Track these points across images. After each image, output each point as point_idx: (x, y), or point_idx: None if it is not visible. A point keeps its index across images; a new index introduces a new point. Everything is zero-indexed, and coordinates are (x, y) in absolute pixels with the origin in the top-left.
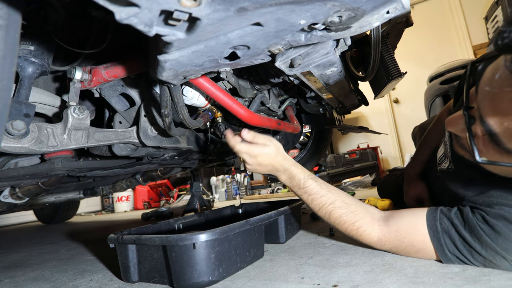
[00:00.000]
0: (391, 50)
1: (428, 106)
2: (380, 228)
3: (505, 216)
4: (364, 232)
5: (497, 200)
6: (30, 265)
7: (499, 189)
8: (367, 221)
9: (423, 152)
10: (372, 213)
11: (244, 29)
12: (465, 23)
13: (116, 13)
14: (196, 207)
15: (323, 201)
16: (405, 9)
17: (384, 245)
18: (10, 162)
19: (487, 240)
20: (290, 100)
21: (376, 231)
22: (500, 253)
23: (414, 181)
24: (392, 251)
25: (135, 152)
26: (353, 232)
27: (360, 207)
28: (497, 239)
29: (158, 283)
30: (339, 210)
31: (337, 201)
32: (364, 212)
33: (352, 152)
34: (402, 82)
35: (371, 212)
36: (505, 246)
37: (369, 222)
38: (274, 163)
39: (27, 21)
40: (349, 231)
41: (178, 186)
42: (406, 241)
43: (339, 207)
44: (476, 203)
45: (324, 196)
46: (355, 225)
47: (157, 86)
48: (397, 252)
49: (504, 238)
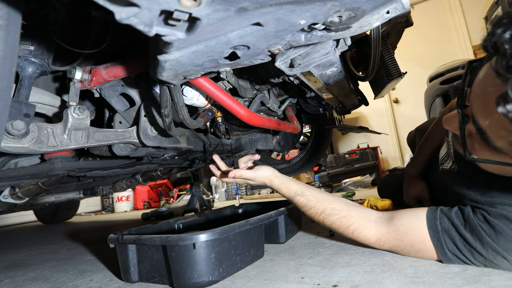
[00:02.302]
0: (391, 50)
1: (428, 106)
2: (378, 228)
3: (507, 216)
4: (360, 234)
5: (499, 200)
6: (30, 265)
7: (501, 189)
8: (362, 224)
9: (424, 152)
10: (367, 215)
11: (244, 29)
12: (465, 23)
13: (116, 13)
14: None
15: (314, 212)
16: (405, 9)
17: (383, 244)
18: (10, 162)
19: (488, 240)
20: (290, 100)
21: (373, 232)
22: (501, 253)
23: (414, 180)
24: (392, 250)
25: (135, 152)
26: (350, 235)
27: (353, 211)
28: (498, 239)
29: (158, 283)
30: (330, 217)
31: (326, 209)
32: (358, 215)
33: (352, 152)
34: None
35: (366, 214)
36: (506, 247)
37: (364, 224)
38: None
39: (27, 21)
40: (346, 234)
41: (178, 186)
42: (405, 241)
43: (330, 214)
44: (478, 203)
45: (313, 208)
46: (349, 229)
47: (157, 86)
48: (397, 251)
49: (506, 238)
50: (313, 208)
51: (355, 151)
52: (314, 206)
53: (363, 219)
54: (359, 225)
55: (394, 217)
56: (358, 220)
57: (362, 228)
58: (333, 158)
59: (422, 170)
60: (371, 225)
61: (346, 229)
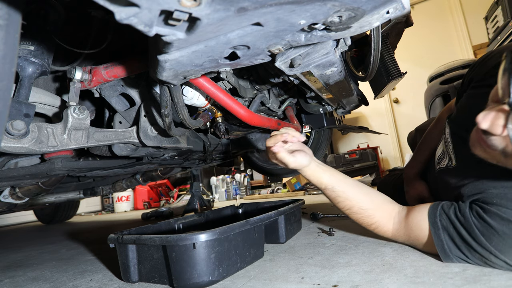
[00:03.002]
0: (391, 50)
1: (428, 106)
2: (395, 225)
3: (502, 216)
4: (380, 231)
5: (495, 200)
6: (30, 265)
7: (500, 189)
8: (382, 223)
9: (422, 152)
10: (389, 212)
11: (244, 29)
12: (465, 23)
13: (116, 13)
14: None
15: (341, 206)
16: (405, 9)
17: (398, 238)
18: (10, 162)
19: (481, 239)
20: (290, 100)
21: (390, 229)
22: (494, 253)
23: (413, 181)
24: (405, 243)
25: (135, 152)
26: (371, 230)
27: (377, 210)
28: (491, 239)
29: (158, 283)
30: (355, 215)
31: (354, 207)
32: (381, 214)
33: (352, 152)
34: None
35: (388, 211)
36: (498, 247)
37: (384, 223)
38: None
39: (27, 21)
40: (367, 229)
41: (178, 186)
42: (412, 236)
43: (356, 212)
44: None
45: (341, 203)
46: (371, 227)
47: (157, 86)
48: (410, 244)
49: (498, 238)
50: (341, 203)
51: (355, 151)
52: (342, 201)
53: (384, 217)
54: (380, 224)
55: (407, 213)
56: (380, 219)
57: (382, 226)
58: (333, 158)
59: (421, 170)
60: (390, 222)
61: (369, 226)
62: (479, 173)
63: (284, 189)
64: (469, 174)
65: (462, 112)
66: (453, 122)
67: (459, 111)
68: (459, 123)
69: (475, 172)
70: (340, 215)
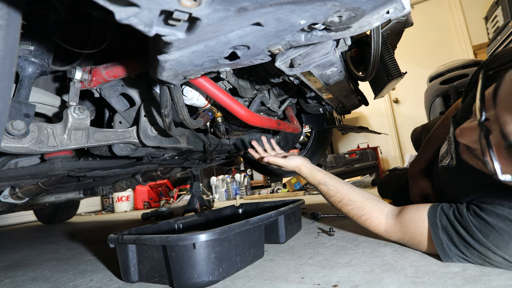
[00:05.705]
0: (391, 50)
1: (428, 106)
2: (387, 221)
3: (497, 214)
4: (370, 224)
5: (491, 200)
6: (30, 265)
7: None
8: (374, 215)
9: (427, 150)
10: (380, 208)
11: (244, 29)
12: (465, 23)
13: (116, 13)
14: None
15: (333, 200)
16: (405, 9)
17: (391, 235)
18: (10, 162)
19: (479, 236)
20: (290, 100)
21: (382, 224)
22: (492, 249)
23: (417, 178)
24: (398, 241)
25: (135, 152)
26: (362, 224)
27: (367, 203)
28: (488, 235)
29: (158, 283)
30: (346, 207)
31: (344, 199)
32: (371, 206)
33: (352, 152)
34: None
35: (379, 206)
36: (496, 243)
37: (376, 216)
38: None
39: (27, 21)
40: (359, 222)
41: (178, 186)
42: (408, 234)
43: (346, 204)
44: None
45: (333, 196)
46: (362, 219)
47: (157, 86)
48: (403, 243)
49: (496, 234)
50: (333, 197)
51: (355, 151)
52: (334, 195)
53: (376, 211)
54: (370, 216)
55: (402, 211)
56: (370, 211)
57: (373, 219)
58: (333, 158)
59: (425, 168)
60: (382, 217)
61: (359, 218)
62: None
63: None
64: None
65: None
66: (457, 121)
67: (463, 111)
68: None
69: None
70: (340, 215)
